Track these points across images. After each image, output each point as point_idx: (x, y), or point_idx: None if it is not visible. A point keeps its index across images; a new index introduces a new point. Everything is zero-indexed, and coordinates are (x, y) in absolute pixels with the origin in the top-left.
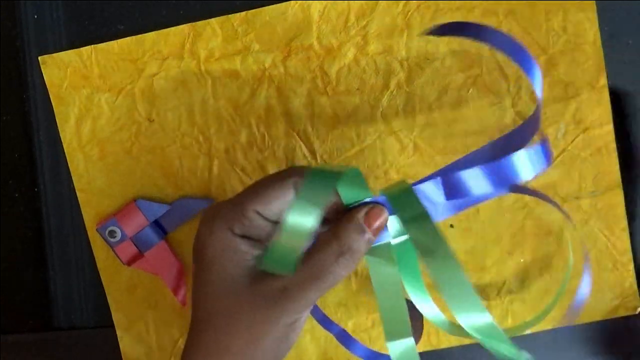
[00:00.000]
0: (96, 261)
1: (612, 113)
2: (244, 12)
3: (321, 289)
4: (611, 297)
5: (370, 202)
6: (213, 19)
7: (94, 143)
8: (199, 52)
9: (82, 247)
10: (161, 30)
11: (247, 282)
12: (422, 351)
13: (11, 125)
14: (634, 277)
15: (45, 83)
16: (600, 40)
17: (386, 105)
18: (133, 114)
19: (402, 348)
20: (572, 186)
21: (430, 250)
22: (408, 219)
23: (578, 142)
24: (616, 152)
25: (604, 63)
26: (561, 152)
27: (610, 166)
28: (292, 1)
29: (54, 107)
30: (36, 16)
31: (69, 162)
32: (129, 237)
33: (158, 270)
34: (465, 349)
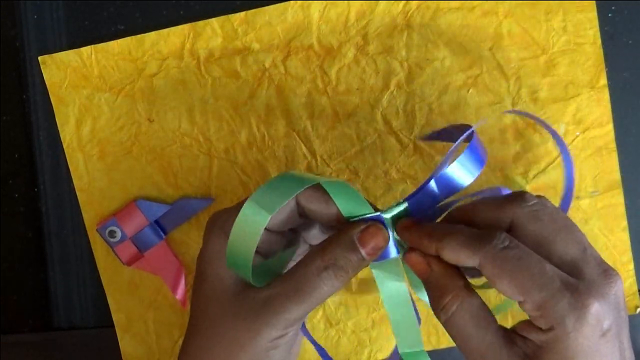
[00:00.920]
0: (96, 261)
1: (612, 113)
2: (244, 12)
3: (304, 304)
4: None
5: (370, 220)
6: (213, 19)
7: (94, 143)
8: (199, 52)
9: (82, 247)
10: (161, 30)
11: (236, 291)
12: None
13: (11, 125)
14: (634, 277)
15: (45, 83)
16: (600, 40)
17: (386, 105)
18: (133, 114)
19: (416, 358)
20: None
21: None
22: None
23: (578, 142)
24: (616, 152)
25: (604, 63)
26: (561, 152)
27: (610, 166)
28: (292, 1)
29: (54, 107)
30: (36, 16)
31: (69, 162)
32: (129, 237)
33: (158, 270)
34: None
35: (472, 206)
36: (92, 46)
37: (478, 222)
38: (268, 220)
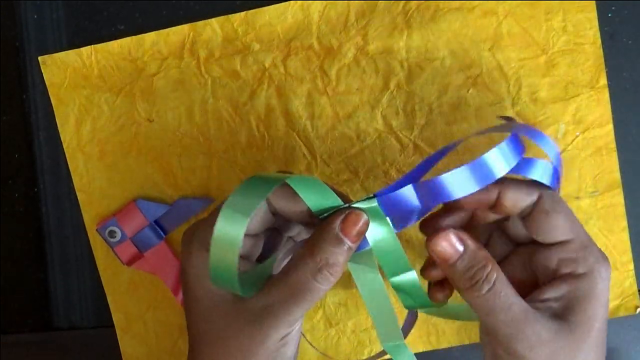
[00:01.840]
0: (96, 261)
1: (612, 113)
2: (244, 12)
3: (304, 305)
4: (611, 297)
5: (345, 208)
6: (213, 19)
7: (94, 143)
8: (199, 52)
9: (82, 247)
10: (161, 30)
11: (232, 302)
12: (422, 351)
13: (11, 125)
14: (634, 277)
15: (45, 83)
16: (600, 40)
17: (386, 105)
18: (133, 114)
19: (397, 350)
20: (572, 186)
21: (395, 271)
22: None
23: (578, 142)
24: (616, 152)
25: (604, 63)
26: (561, 152)
27: (610, 166)
28: (292, 1)
29: (54, 107)
30: (36, 16)
31: (69, 162)
32: (129, 237)
33: (158, 270)
34: (465, 349)
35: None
36: (92, 46)
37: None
38: (246, 224)
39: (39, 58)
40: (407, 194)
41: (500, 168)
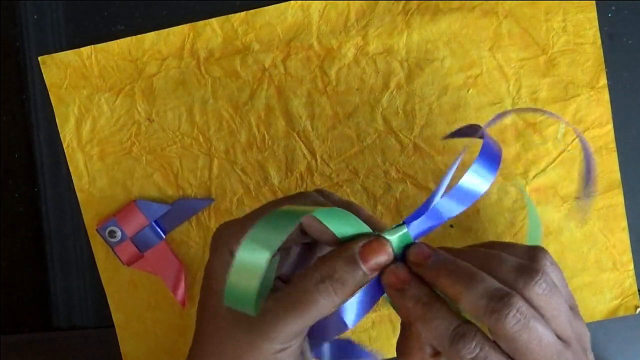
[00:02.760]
0: (96, 261)
1: (612, 113)
2: (244, 12)
3: (302, 317)
4: (611, 297)
5: (371, 234)
6: (213, 19)
7: (94, 143)
8: (199, 52)
9: (82, 247)
10: (161, 30)
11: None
12: None
13: (11, 125)
14: (634, 277)
15: (45, 83)
16: (600, 40)
17: (386, 105)
18: (133, 114)
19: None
20: (572, 186)
21: None
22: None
23: (578, 142)
24: (616, 152)
25: (604, 63)
26: (561, 152)
27: (610, 166)
28: (292, 1)
29: (54, 107)
30: (36, 16)
31: (69, 162)
32: (129, 237)
33: (158, 270)
34: None
35: (458, 292)
36: (92, 46)
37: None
38: (269, 259)
39: (39, 58)
40: (435, 213)
41: (481, 187)
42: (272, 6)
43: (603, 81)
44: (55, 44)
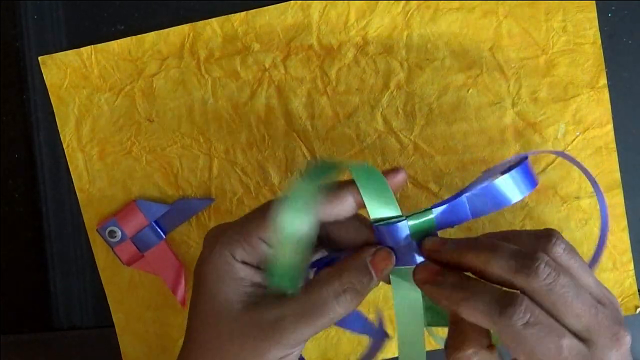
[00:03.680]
0: (96, 261)
1: (612, 113)
2: (244, 12)
3: (316, 326)
4: None
5: (398, 218)
6: (213, 19)
7: (94, 143)
8: (199, 52)
9: (82, 247)
10: (161, 30)
11: (242, 310)
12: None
13: (11, 125)
14: (634, 277)
15: (45, 83)
16: (600, 40)
17: (386, 105)
18: (133, 114)
19: None
20: (572, 186)
21: None
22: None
23: (578, 142)
24: (616, 152)
25: (604, 63)
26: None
27: (610, 166)
28: (292, 1)
29: (54, 107)
30: (36, 16)
31: (69, 162)
32: (129, 237)
33: (158, 270)
34: None
35: (485, 260)
36: (92, 46)
37: (491, 279)
38: (313, 212)
39: (39, 58)
40: (461, 206)
41: (513, 195)
42: (272, 6)
43: (603, 81)
44: (55, 44)
